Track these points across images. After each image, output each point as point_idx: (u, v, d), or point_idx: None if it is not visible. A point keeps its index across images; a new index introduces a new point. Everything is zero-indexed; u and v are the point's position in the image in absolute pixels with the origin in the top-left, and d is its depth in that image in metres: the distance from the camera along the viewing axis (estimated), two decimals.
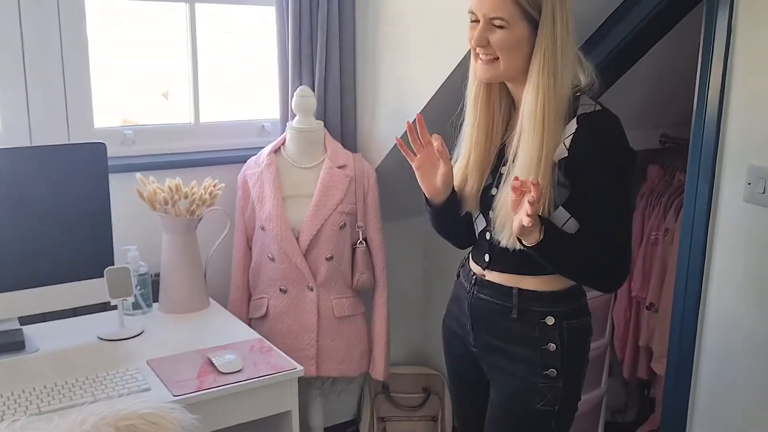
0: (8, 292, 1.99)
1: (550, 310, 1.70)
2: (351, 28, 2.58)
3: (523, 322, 1.72)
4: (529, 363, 1.72)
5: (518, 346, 1.73)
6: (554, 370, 1.69)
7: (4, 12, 2.18)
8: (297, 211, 2.42)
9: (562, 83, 1.60)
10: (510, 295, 1.72)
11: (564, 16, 1.58)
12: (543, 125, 1.59)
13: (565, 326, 1.70)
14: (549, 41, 1.58)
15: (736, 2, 1.92)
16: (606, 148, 1.61)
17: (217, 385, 1.82)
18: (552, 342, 1.69)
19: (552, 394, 1.70)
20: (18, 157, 1.96)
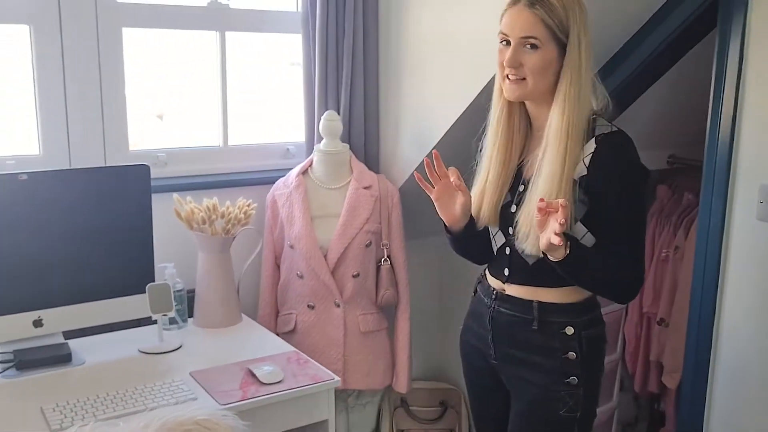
0: (56, 307, 2.08)
1: (569, 320, 1.79)
2: (375, 55, 2.70)
3: (543, 333, 1.80)
4: (550, 372, 1.80)
5: (539, 356, 1.81)
6: (575, 378, 1.78)
7: (47, 43, 2.29)
8: (325, 230, 2.52)
9: (584, 104, 1.72)
10: (530, 308, 1.81)
11: (587, 41, 1.71)
12: (566, 143, 1.70)
13: (584, 336, 1.79)
14: (576, 64, 1.70)
15: (747, 31, 2.05)
16: (623, 167, 1.71)
17: (260, 394, 1.92)
18: (572, 351, 1.78)
19: (574, 401, 1.78)
20: (68, 178, 2.07)
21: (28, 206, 2.00)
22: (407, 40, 2.62)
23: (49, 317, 2.08)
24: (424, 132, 2.57)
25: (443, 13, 2.47)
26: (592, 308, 1.84)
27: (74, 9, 2.32)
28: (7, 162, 2.30)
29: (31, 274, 2.04)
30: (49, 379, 2.00)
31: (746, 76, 2.07)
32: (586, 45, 1.71)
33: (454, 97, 2.42)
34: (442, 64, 2.50)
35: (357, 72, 2.67)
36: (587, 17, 1.71)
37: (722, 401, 2.27)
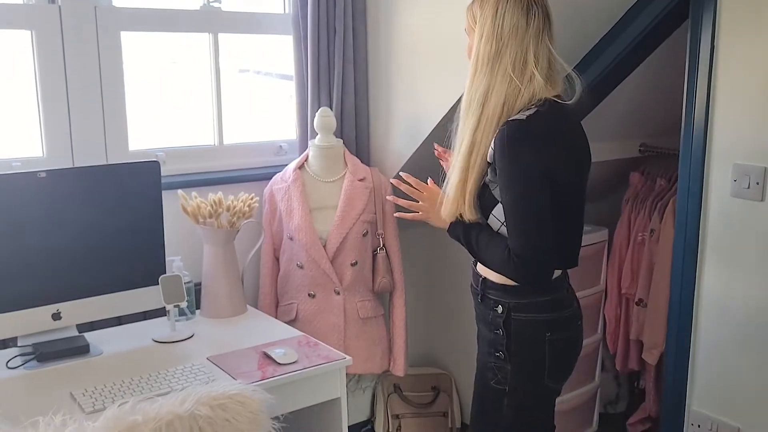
0: (74, 300, 2.16)
1: (501, 299, 1.91)
2: (364, 52, 2.82)
3: (484, 306, 1.97)
4: (486, 343, 1.98)
5: (482, 325, 2.01)
6: (501, 353, 1.92)
7: (48, 48, 2.37)
8: (323, 221, 2.63)
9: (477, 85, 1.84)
10: (479, 281, 1.98)
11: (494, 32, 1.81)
12: (460, 120, 1.88)
13: (513, 317, 1.89)
14: (476, 50, 1.85)
15: (718, 22, 2.21)
16: (503, 157, 1.78)
17: (278, 374, 2.02)
18: (500, 328, 1.91)
19: (501, 375, 1.93)
20: (84, 175, 2.16)
21: (46, 203, 2.08)
22: (396, 36, 2.74)
23: (67, 310, 2.16)
24: (415, 125, 2.69)
25: (431, 10, 2.60)
26: (526, 294, 1.89)
27: (74, 14, 2.40)
28: (13, 164, 2.37)
29: (49, 268, 2.12)
30: (72, 368, 2.08)
31: (717, 64, 2.24)
32: (489, 34, 1.82)
33: (444, 90, 2.55)
34: (431, 58, 2.62)
35: (348, 69, 2.78)
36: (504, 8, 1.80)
37: (703, 374, 2.43)
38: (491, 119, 1.81)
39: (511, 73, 1.80)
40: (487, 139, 1.82)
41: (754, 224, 2.23)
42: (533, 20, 1.81)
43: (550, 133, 1.81)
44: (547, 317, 1.90)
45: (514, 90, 1.80)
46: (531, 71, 1.81)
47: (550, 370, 1.93)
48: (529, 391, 1.94)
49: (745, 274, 2.28)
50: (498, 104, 1.81)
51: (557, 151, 1.82)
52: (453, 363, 3.33)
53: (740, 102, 2.22)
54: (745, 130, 2.22)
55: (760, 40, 2.16)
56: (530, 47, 1.81)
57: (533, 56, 1.81)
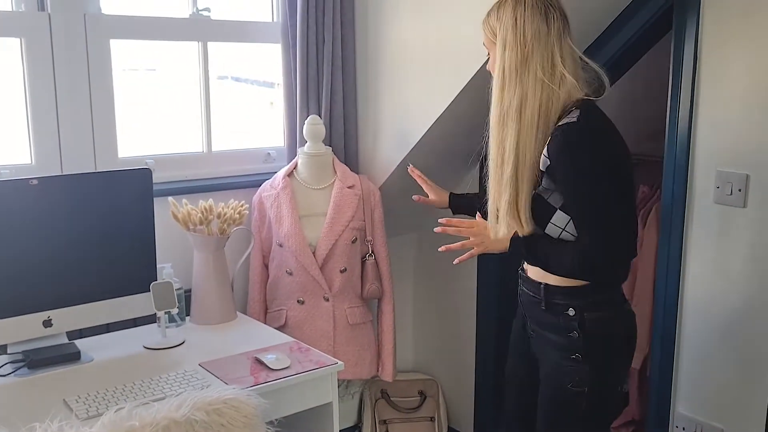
0: (65, 307, 2.16)
1: (570, 302, 1.90)
2: (352, 61, 2.85)
3: (550, 312, 1.94)
4: (559, 348, 1.94)
5: (550, 333, 1.96)
6: (579, 355, 1.89)
7: (38, 55, 2.38)
8: (312, 228, 2.65)
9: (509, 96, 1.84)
10: (539, 289, 1.95)
11: (517, 40, 1.83)
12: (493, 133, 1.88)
13: (586, 317, 1.89)
14: (500, 61, 1.86)
15: (701, 33, 2.27)
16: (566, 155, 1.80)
17: (270, 379, 2.03)
18: (574, 330, 1.90)
19: (580, 377, 1.90)
20: (76, 182, 2.16)
21: (38, 210, 2.08)
22: (384, 45, 2.77)
23: (58, 317, 2.16)
24: (403, 133, 2.72)
25: (419, 18, 2.64)
26: (594, 292, 1.90)
27: (64, 22, 2.41)
28: (1, 171, 2.37)
29: (41, 275, 2.12)
30: (63, 375, 2.08)
31: (701, 72, 2.29)
32: (513, 44, 1.84)
33: (433, 98, 2.58)
34: (420, 67, 2.66)
35: (336, 77, 2.81)
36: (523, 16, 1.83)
37: (688, 377, 2.48)
38: (531, 127, 1.82)
39: (542, 77, 1.82)
40: (532, 147, 1.82)
41: (737, 230, 2.28)
42: (553, 23, 1.84)
43: (603, 130, 1.85)
44: (614, 313, 1.94)
45: (550, 93, 1.82)
46: (560, 73, 1.83)
47: (624, 363, 1.99)
48: (607, 387, 1.95)
49: (728, 279, 2.33)
50: (535, 110, 1.82)
51: (614, 146, 1.85)
52: (439, 368, 3.36)
53: (723, 110, 2.27)
54: (727, 137, 2.27)
55: (743, 49, 2.22)
56: (555, 49, 1.84)
57: (560, 58, 1.84)
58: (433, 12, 2.56)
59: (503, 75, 1.85)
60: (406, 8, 2.67)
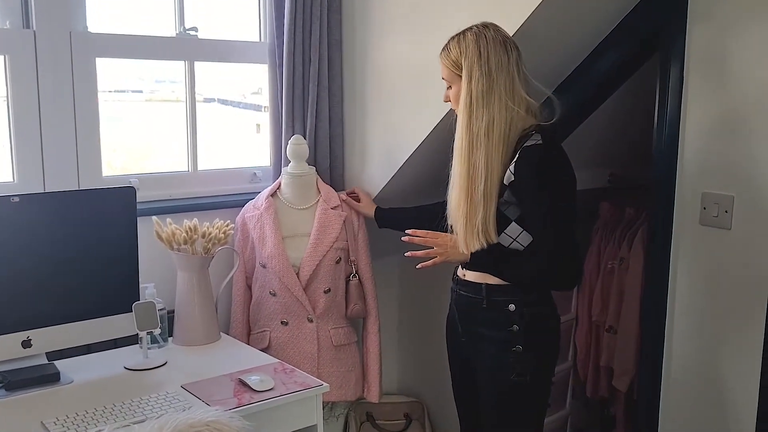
0: (44, 327, 2.12)
1: (511, 299, 2.08)
2: (339, 81, 2.84)
3: (491, 310, 2.11)
4: (499, 342, 2.10)
5: (490, 329, 2.12)
6: (520, 346, 2.07)
7: (22, 73, 2.35)
8: (296, 248, 2.62)
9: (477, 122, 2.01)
10: (480, 289, 2.12)
11: (482, 70, 2.00)
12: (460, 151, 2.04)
13: (525, 312, 2.07)
14: (466, 92, 2.02)
15: (687, 55, 2.28)
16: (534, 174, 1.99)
17: (254, 401, 2.00)
18: (515, 324, 2.07)
19: (521, 367, 2.07)
20: (58, 200, 2.14)
21: (19, 228, 2.05)
22: (371, 65, 2.77)
23: (38, 337, 2.12)
24: (390, 153, 2.71)
25: (406, 40, 2.63)
26: (529, 291, 2.09)
27: (49, 40, 2.38)
28: None
29: (20, 294, 2.08)
30: (42, 397, 2.04)
31: (687, 94, 2.30)
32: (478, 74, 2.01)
33: (419, 119, 2.58)
34: (406, 88, 2.65)
35: (322, 98, 2.80)
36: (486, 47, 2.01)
37: (674, 400, 2.46)
38: (498, 147, 2.00)
39: (507, 100, 2.00)
40: (499, 166, 2.00)
41: (723, 252, 2.28)
42: (511, 53, 2.03)
43: (564, 155, 2.03)
44: (548, 310, 2.14)
45: (513, 115, 2.01)
46: (522, 96, 2.03)
47: (555, 357, 2.19)
48: (543, 377, 2.14)
49: (714, 301, 2.32)
50: (502, 131, 2.00)
51: (568, 169, 2.03)
52: (425, 391, 3.32)
53: (709, 132, 2.28)
54: (713, 159, 2.28)
55: (729, 72, 2.23)
56: (515, 76, 2.03)
57: (519, 84, 2.03)
58: (420, 32, 2.56)
59: (470, 102, 2.01)
60: (393, 29, 2.67)
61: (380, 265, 3.10)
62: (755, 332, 2.23)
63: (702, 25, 2.27)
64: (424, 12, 2.54)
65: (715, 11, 2.25)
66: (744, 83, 2.20)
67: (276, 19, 2.71)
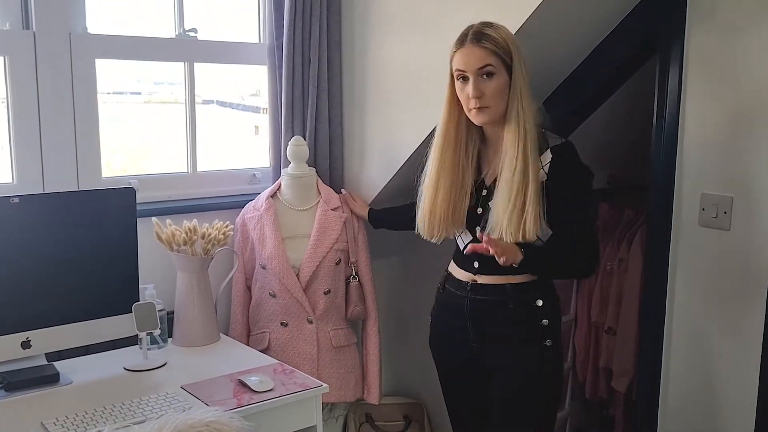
0: (44, 328, 2.13)
1: (538, 295, 2.09)
2: (338, 82, 2.85)
3: (519, 307, 2.10)
4: (530, 338, 2.10)
5: (515, 329, 2.11)
6: (550, 340, 2.10)
7: (21, 74, 2.35)
8: (296, 250, 2.63)
9: (530, 117, 2.00)
10: (504, 290, 2.10)
11: (524, 61, 2.00)
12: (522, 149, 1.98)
13: (550, 305, 2.11)
14: (521, 83, 1.99)
15: (686, 56, 2.28)
16: (577, 172, 2.05)
17: (254, 401, 2.00)
18: (545, 318, 2.09)
19: (551, 362, 2.12)
20: (58, 201, 2.14)
21: (19, 229, 2.05)
22: (371, 66, 2.77)
23: (38, 338, 2.12)
24: (390, 154, 2.71)
25: (405, 41, 2.64)
26: (550, 284, 2.15)
27: (49, 41, 2.38)
28: None
29: (20, 295, 2.08)
30: (41, 397, 2.04)
31: (686, 96, 2.31)
32: (524, 65, 2.00)
33: (419, 120, 2.58)
34: (406, 88, 2.65)
35: (322, 99, 2.80)
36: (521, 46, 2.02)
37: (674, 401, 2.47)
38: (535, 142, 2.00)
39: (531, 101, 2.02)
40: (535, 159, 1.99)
41: (722, 253, 2.28)
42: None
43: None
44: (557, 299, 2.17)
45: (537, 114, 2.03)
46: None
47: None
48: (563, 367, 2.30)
49: (714, 302, 2.32)
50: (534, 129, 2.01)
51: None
52: (424, 392, 3.32)
53: (708, 133, 2.28)
54: (712, 160, 2.28)
55: (727, 73, 2.23)
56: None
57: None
58: (420, 33, 2.57)
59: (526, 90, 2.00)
60: (393, 29, 2.67)
61: (380, 267, 3.10)
62: (754, 333, 2.23)
63: (701, 27, 2.28)
64: (423, 13, 2.55)
65: (714, 13, 2.25)
66: (743, 85, 2.21)
67: (275, 20, 2.72)
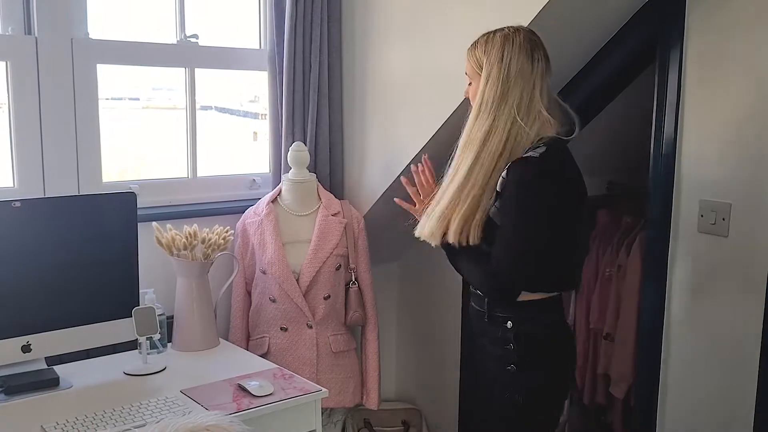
0: (44, 332, 2.13)
1: (509, 315, 2.01)
2: (339, 88, 2.86)
3: (491, 324, 2.05)
4: (497, 359, 2.05)
5: (490, 344, 2.07)
6: (514, 366, 2.00)
7: (23, 79, 2.37)
8: (296, 255, 2.63)
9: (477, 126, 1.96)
10: (483, 302, 2.07)
11: (500, 75, 1.94)
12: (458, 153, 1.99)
13: (521, 331, 2.00)
14: (481, 92, 1.97)
15: (684, 63, 2.30)
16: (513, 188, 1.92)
17: (253, 406, 2.01)
18: (510, 342, 2.00)
19: (514, 388, 2.02)
20: (59, 205, 2.15)
21: (20, 233, 2.06)
22: (371, 72, 2.78)
23: (38, 342, 2.12)
24: (390, 160, 2.72)
25: (405, 46, 2.65)
26: (532, 308, 2.01)
27: (51, 46, 2.40)
28: None
29: (20, 299, 2.08)
30: (41, 401, 2.05)
31: (684, 102, 2.32)
32: (495, 78, 1.95)
33: (419, 125, 2.59)
34: (406, 94, 2.67)
35: (322, 104, 2.82)
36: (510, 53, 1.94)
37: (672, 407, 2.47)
38: (492, 156, 1.93)
39: (516, 114, 1.92)
40: (488, 174, 1.93)
41: (721, 259, 2.29)
42: (537, 63, 1.96)
43: (561, 169, 1.96)
44: (550, 330, 2.04)
45: (518, 129, 1.92)
46: (538, 110, 1.95)
47: (558, 384, 2.08)
48: (544, 403, 2.06)
49: (712, 308, 2.33)
50: (500, 143, 1.93)
51: (566, 186, 1.97)
52: (422, 398, 3.33)
53: (706, 139, 2.30)
54: (711, 167, 2.29)
55: (726, 80, 2.25)
56: (536, 88, 1.95)
57: (539, 95, 1.95)
58: (420, 39, 2.58)
59: (480, 106, 1.96)
60: (393, 35, 2.69)
61: (379, 272, 3.11)
62: (752, 339, 2.24)
63: (700, 35, 2.29)
64: (423, 20, 2.56)
65: (713, 21, 2.26)
66: (741, 92, 2.22)
67: (276, 26, 2.73)
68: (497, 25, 2.09)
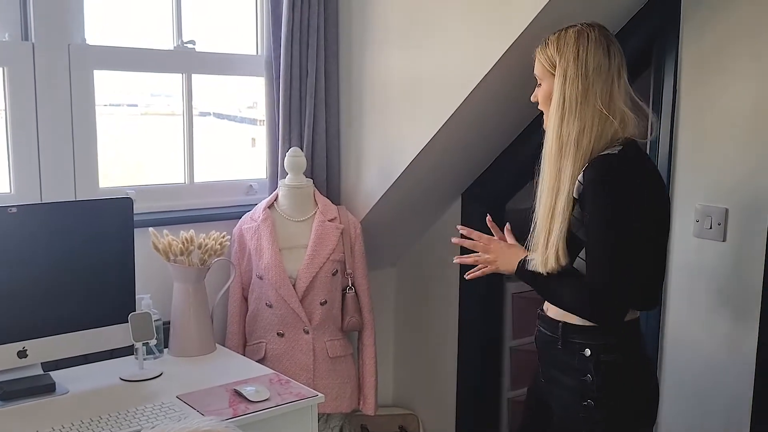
0: (40, 338, 2.13)
1: (588, 342, 1.84)
2: (336, 94, 2.86)
3: (566, 352, 1.88)
4: (572, 392, 1.87)
5: (564, 375, 1.90)
6: (591, 402, 1.82)
7: (20, 85, 2.36)
8: (293, 260, 2.63)
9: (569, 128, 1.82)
10: (557, 328, 1.90)
11: (578, 72, 1.83)
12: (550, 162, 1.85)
13: (602, 359, 1.82)
14: (558, 92, 1.85)
15: (680, 70, 2.30)
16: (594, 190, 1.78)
17: (250, 411, 2.01)
18: (588, 373, 1.83)
19: (591, 424, 1.83)
20: (56, 211, 2.15)
21: (16, 238, 2.06)
22: (368, 78, 2.78)
23: (34, 348, 2.12)
24: (387, 166, 2.73)
25: (402, 52, 2.66)
26: (615, 333, 1.85)
27: (48, 52, 2.40)
28: None
29: (17, 304, 2.08)
30: (37, 407, 2.04)
31: (680, 108, 2.33)
32: (573, 76, 1.83)
33: (416, 131, 2.60)
34: (403, 100, 2.67)
35: (319, 110, 2.82)
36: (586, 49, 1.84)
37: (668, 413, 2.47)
38: (586, 157, 1.81)
39: (601, 108, 1.82)
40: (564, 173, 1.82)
41: (717, 264, 2.30)
42: (614, 58, 1.86)
43: (642, 171, 1.86)
44: (632, 359, 1.88)
45: (607, 124, 1.82)
46: (619, 107, 1.84)
47: (641, 419, 1.91)
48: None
49: (708, 313, 2.33)
50: (591, 141, 1.81)
51: (649, 189, 1.85)
52: (420, 403, 3.33)
53: (702, 145, 2.30)
54: (707, 172, 2.30)
55: (721, 85, 2.26)
56: (614, 84, 1.85)
57: (617, 92, 1.85)
58: (417, 44, 2.59)
59: (563, 106, 1.83)
60: (390, 41, 2.69)
61: (376, 278, 3.12)
62: (749, 344, 2.24)
63: (695, 40, 2.30)
64: (420, 25, 2.57)
65: (708, 26, 2.27)
66: (736, 97, 2.23)
67: (273, 32, 2.74)
68: (492, 31, 2.09)
